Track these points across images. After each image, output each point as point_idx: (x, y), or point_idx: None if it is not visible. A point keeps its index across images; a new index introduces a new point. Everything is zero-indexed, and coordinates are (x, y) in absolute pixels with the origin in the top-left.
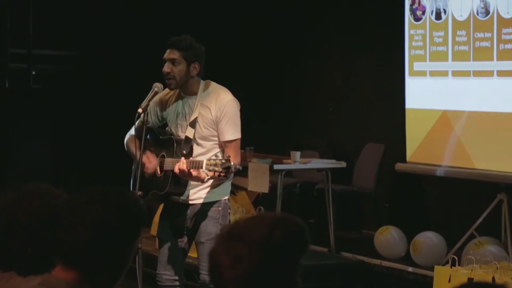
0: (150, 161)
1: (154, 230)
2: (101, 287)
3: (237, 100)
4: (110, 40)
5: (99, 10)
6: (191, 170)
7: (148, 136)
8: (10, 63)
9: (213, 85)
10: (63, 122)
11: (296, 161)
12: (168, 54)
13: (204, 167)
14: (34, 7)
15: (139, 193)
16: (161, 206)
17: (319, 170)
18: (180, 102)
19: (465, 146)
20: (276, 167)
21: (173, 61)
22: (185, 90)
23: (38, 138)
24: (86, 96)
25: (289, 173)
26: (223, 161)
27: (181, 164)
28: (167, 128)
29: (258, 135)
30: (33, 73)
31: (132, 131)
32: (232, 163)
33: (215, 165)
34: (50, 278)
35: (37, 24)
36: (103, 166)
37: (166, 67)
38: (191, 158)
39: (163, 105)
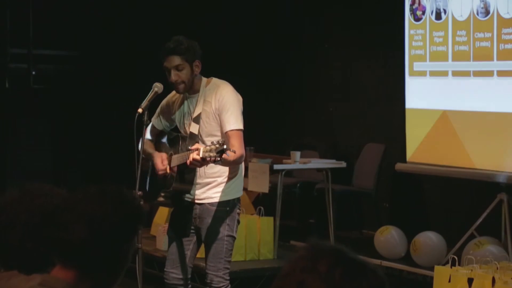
0: (163, 163)
1: (154, 230)
2: (100, 286)
3: (238, 93)
4: (110, 40)
5: (99, 10)
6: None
7: (162, 140)
8: (10, 63)
9: (214, 80)
10: (63, 122)
11: (296, 161)
12: (170, 61)
13: (201, 155)
14: (34, 7)
15: (139, 192)
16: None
17: (319, 170)
18: (185, 102)
19: (465, 146)
20: (276, 167)
21: (177, 67)
22: (189, 90)
23: (38, 138)
24: (86, 96)
25: (289, 173)
26: (217, 145)
27: (194, 154)
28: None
29: (258, 135)
30: (33, 73)
31: (147, 136)
32: (225, 147)
33: (210, 151)
34: (49, 278)
35: (37, 24)
36: (103, 166)
37: (174, 75)
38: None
39: (170, 107)
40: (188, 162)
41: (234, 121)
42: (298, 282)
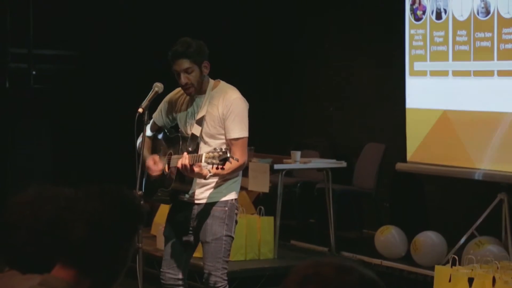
0: (157, 164)
1: (154, 230)
2: (100, 286)
3: (245, 99)
4: (110, 40)
5: (99, 10)
6: (193, 167)
7: (159, 136)
8: (10, 63)
9: (222, 83)
10: (63, 122)
11: (297, 161)
12: (180, 65)
13: (203, 161)
14: (34, 7)
15: (139, 192)
16: (163, 205)
17: (319, 169)
18: (189, 101)
19: (465, 146)
20: (276, 166)
21: (186, 71)
22: (196, 92)
23: (38, 138)
24: (86, 96)
25: (289, 172)
26: (221, 153)
27: (184, 159)
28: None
29: (258, 135)
30: (33, 73)
31: (147, 133)
32: (229, 155)
33: (213, 157)
34: (49, 277)
35: (37, 24)
36: (103, 166)
37: (184, 78)
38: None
39: (173, 105)
40: (177, 165)
41: (239, 129)
42: None
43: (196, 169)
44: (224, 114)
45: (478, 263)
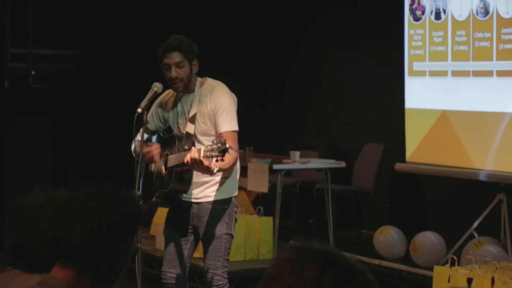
0: (152, 147)
1: (153, 230)
2: (100, 286)
3: (232, 94)
4: (110, 40)
5: (99, 10)
6: (203, 159)
7: (153, 140)
8: (10, 62)
9: (209, 80)
10: (63, 122)
11: (296, 161)
12: (172, 58)
13: (202, 154)
14: (33, 7)
15: (139, 192)
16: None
17: (318, 170)
18: (179, 102)
19: (465, 146)
20: (275, 167)
21: (178, 64)
22: (184, 89)
23: (38, 138)
24: (86, 95)
25: (288, 173)
26: (219, 145)
27: (193, 153)
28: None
29: (257, 135)
30: (33, 72)
31: (138, 137)
32: (228, 145)
33: (212, 150)
34: (48, 277)
35: (37, 24)
36: (103, 166)
37: (174, 72)
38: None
39: (163, 107)
40: (185, 160)
41: (229, 123)
42: (285, 287)
43: (205, 162)
44: (213, 110)
45: (477, 263)
